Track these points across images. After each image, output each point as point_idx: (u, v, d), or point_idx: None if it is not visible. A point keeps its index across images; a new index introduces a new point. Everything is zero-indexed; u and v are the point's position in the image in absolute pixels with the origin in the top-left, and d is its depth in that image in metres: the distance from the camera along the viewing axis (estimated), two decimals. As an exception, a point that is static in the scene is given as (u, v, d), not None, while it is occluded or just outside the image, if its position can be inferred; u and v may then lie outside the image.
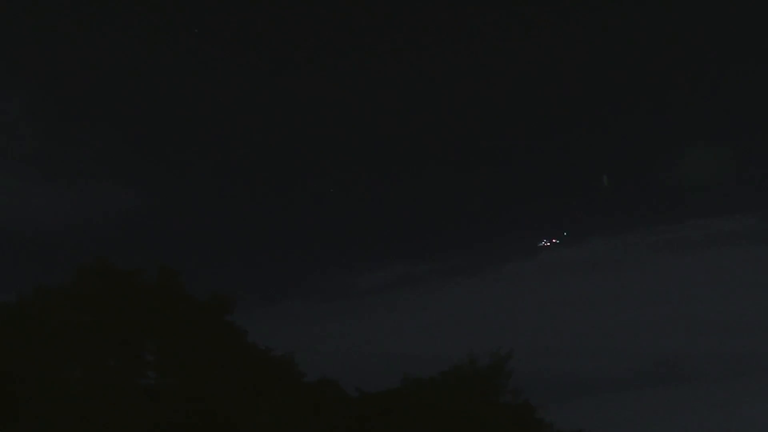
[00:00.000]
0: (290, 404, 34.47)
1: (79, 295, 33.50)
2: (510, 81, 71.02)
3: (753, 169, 70.89)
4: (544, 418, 39.71)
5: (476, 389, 38.97)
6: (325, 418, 35.02)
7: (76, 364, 32.60)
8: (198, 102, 73.96)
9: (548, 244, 37.80)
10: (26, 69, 70.23)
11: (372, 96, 75.62)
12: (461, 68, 72.66)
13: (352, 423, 35.59)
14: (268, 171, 74.27)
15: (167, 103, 73.07)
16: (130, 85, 72.13)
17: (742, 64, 70.90)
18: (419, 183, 76.84)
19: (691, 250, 68.99)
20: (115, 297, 33.40)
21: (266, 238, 71.74)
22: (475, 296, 64.68)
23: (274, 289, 69.90)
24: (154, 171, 72.90)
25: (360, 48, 72.18)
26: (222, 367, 33.24)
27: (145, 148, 72.95)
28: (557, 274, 65.53)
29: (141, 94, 72.21)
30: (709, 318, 63.48)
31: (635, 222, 73.03)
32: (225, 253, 69.17)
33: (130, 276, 34.58)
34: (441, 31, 70.71)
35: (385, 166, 77.24)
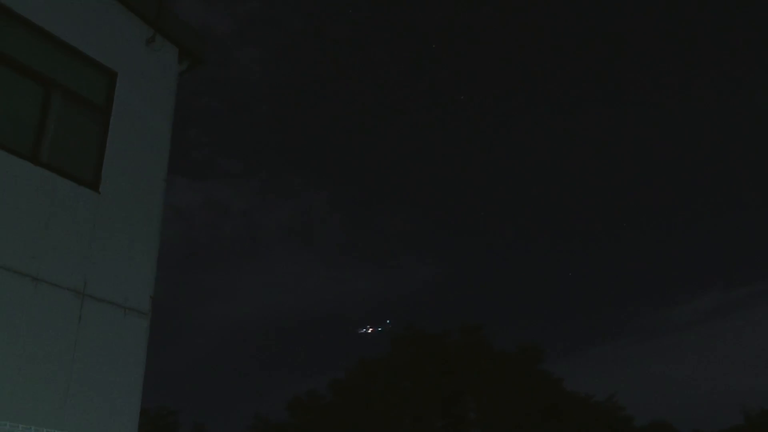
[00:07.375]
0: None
1: (396, 362, 35.26)
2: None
3: None
4: None
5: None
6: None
7: (403, 429, 33.88)
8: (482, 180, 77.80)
9: (369, 331, 36.08)
10: (331, 169, 79.90)
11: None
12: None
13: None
14: (562, 224, 74.45)
15: (453, 185, 77.97)
16: (418, 175, 78.59)
17: None
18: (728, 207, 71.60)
19: None
20: (428, 360, 34.54)
21: (568, 286, 70.30)
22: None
23: (585, 335, 67.64)
24: (451, 241, 76.74)
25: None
26: (544, 416, 32.31)
27: (438, 223, 77.44)
28: None
29: (429, 182, 78.25)
30: None
31: None
32: (529, 307, 68.76)
33: (439, 338, 35.68)
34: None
35: (683, 197, 73.39)
